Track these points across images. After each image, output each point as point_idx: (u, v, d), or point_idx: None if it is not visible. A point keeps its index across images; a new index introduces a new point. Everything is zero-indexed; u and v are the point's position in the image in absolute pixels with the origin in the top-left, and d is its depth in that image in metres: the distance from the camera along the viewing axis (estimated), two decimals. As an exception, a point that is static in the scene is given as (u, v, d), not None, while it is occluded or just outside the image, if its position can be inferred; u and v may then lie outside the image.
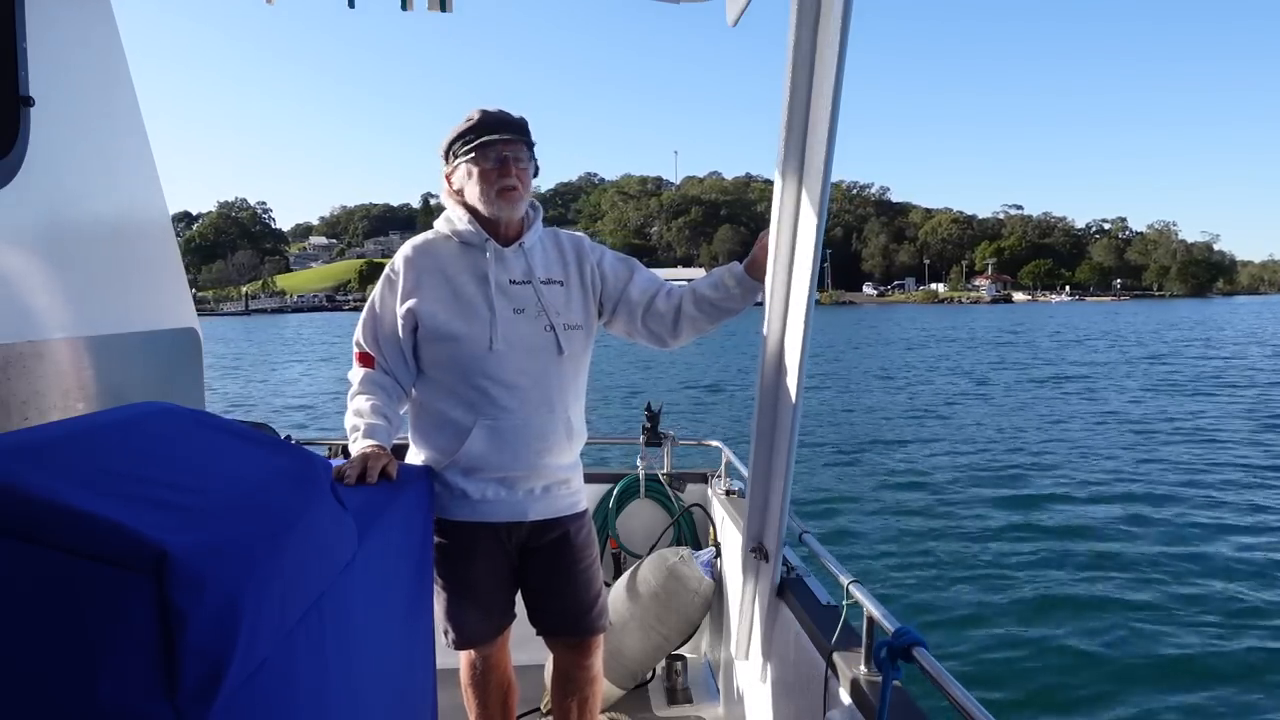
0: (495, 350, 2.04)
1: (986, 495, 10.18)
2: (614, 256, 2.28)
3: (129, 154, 2.46)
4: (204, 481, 1.12)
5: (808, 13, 1.74)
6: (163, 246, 2.62)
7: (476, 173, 2.06)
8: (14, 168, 1.89)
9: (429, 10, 2.43)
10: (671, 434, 3.55)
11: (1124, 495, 10.12)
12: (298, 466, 1.34)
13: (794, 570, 2.33)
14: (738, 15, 2.11)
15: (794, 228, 1.92)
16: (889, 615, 1.63)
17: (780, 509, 2.10)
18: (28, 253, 1.94)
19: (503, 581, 2.21)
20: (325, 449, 3.38)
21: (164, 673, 0.85)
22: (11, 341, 1.83)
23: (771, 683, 2.36)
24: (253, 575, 1.00)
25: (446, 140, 2.11)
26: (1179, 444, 13.54)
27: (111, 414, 1.28)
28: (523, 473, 2.10)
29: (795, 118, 1.83)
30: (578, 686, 2.30)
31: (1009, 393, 21.06)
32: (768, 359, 2.04)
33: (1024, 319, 73.18)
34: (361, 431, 2.00)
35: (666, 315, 2.21)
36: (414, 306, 2.07)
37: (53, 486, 0.89)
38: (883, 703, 1.51)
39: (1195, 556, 7.75)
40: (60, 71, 2.10)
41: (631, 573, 3.15)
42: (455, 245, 2.12)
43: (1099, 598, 6.78)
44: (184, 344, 2.65)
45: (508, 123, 2.07)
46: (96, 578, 0.84)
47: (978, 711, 1.27)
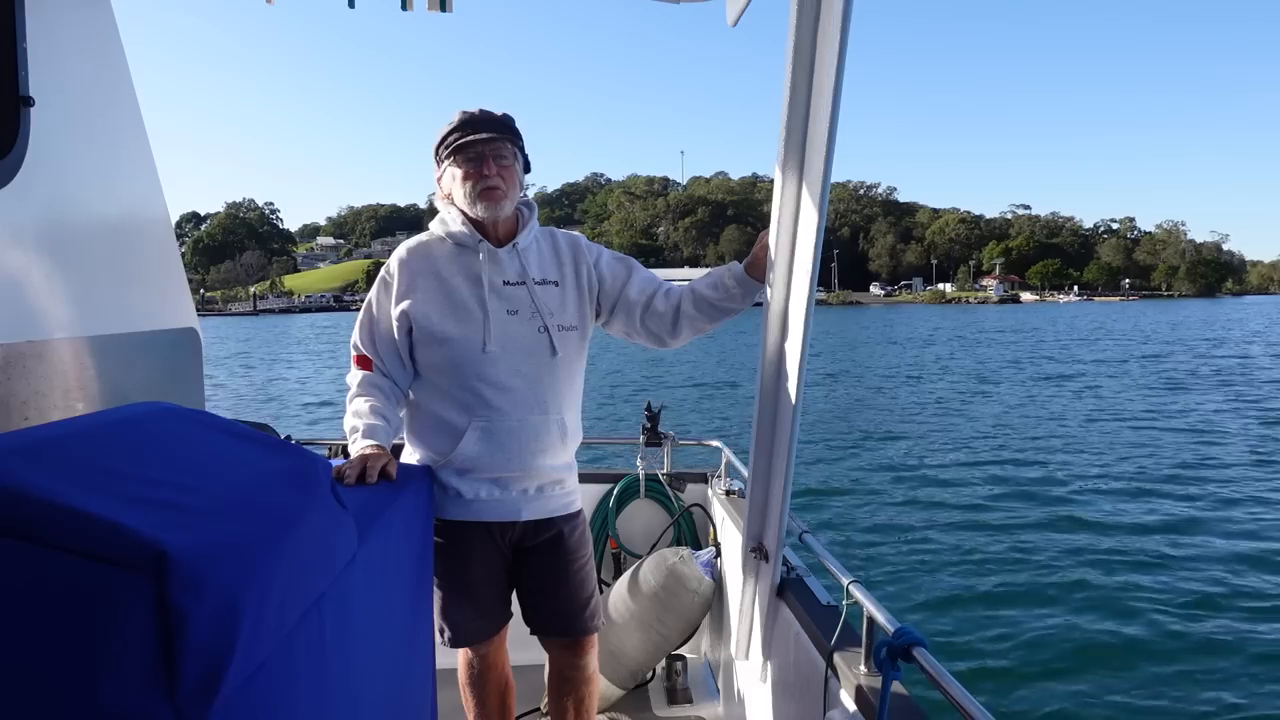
0: (489, 352, 2.04)
1: (988, 495, 10.17)
2: (611, 256, 2.28)
3: (129, 154, 2.46)
4: (204, 481, 1.12)
5: (808, 13, 1.74)
6: (163, 246, 2.62)
7: (460, 174, 2.07)
8: (14, 168, 1.89)
9: (429, 10, 2.43)
10: (672, 434, 3.55)
11: (1128, 494, 10.11)
12: (298, 466, 1.34)
13: (794, 570, 2.33)
14: (738, 15, 2.11)
15: (794, 228, 1.92)
16: (889, 615, 1.63)
17: (780, 509, 2.10)
18: (28, 253, 1.94)
19: (498, 580, 2.22)
20: (325, 449, 3.38)
21: (164, 673, 0.85)
22: (12, 341, 1.83)
23: (771, 683, 2.36)
24: (253, 575, 1.00)
25: (436, 143, 2.12)
26: (1184, 443, 13.52)
27: (111, 414, 1.28)
28: (516, 473, 2.11)
29: (795, 118, 1.83)
30: (574, 686, 2.31)
31: (1011, 391, 21.06)
32: (768, 359, 2.04)
33: (1031, 319, 72.71)
34: (360, 432, 2.00)
35: (665, 315, 2.21)
36: (408, 309, 2.07)
37: (53, 486, 0.89)
38: (883, 703, 1.51)
39: (1201, 556, 7.74)
40: (60, 71, 2.10)
41: (631, 573, 3.15)
42: (449, 247, 2.12)
43: (1101, 597, 6.78)
44: (184, 344, 2.65)
45: (488, 120, 2.06)
46: (96, 578, 0.84)
47: (978, 711, 1.27)
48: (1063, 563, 7.61)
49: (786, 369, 1.99)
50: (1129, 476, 11.10)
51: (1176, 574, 7.27)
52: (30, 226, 1.95)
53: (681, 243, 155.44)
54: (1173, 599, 6.72)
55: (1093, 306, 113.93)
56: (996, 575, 7.33)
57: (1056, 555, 7.82)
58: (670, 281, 2.30)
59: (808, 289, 1.85)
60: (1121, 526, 8.74)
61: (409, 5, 2.42)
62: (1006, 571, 7.42)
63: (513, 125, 2.11)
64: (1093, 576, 7.24)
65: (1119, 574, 7.30)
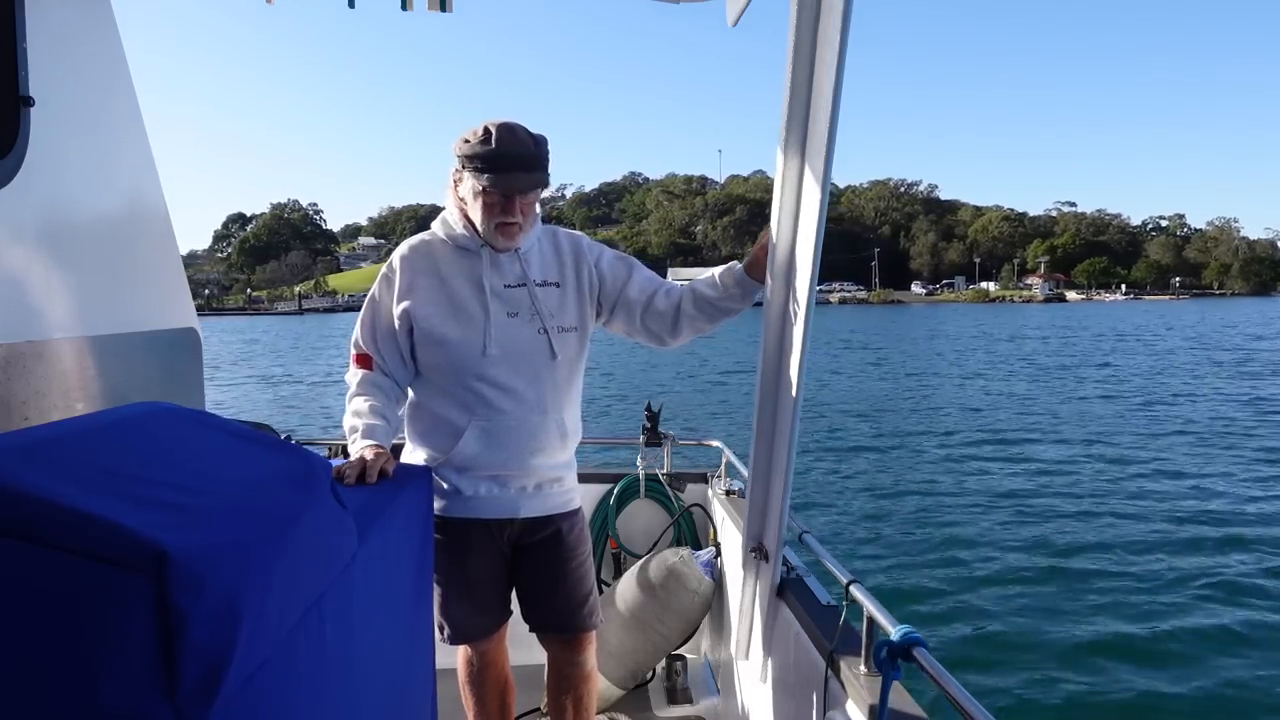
0: (489, 354, 2.05)
1: (988, 495, 10.16)
2: (613, 256, 2.28)
3: (129, 154, 2.46)
4: (204, 481, 1.12)
5: (808, 12, 1.74)
6: (163, 246, 2.62)
7: (482, 201, 2.01)
8: (14, 168, 1.89)
9: (429, 10, 2.43)
10: (672, 434, 3.55)
11: (1128, 494, 10.10)
12: (298, 466, 1.34)
13: (794, 570, 2.33)
14: (738, 15, 2.11)
15: (794, 228, 1.92)
16: (889, 615, 1.63)
17: (780, 509, 2.10)
18: (28, 253, 1.94)
19: (496, 578, 2.23)
20: (325, 449, 3.38)
21: (164, 673, 0.85)
22: (11, 341, 1.83)
23: (772, 683, 2.36)
24: (253, 575, 1.00)
25: (460, 149, 2.00)
26: (1190, 444, 13.50)
27: (111, 414, 1.28)
28: (515, 471, 2.12)
29: (795, 118, 1.83)
30: (572, 684, 2.32)
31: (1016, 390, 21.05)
32: (767, 359, 2.04)
33: (1074, 318, 70.90)
34: (360, 432, 2.01)
35: (666, 315, 2.21)
36: (409, 308, 2.08)
37: (53, 486, 0.89)
38: (883, 703, 1.51)
39: (1207, 555, 7.75)
40: (60, 71, 2.10)
41: (631, 573, 3.15)
42: (451, 248, 2.12)
43: (1101, 597, 6.78)
44: (184, 344, 2.65)
45: (525, 159, 1.97)
46: (96, 578, 0.84)
47: (978, 712, 1.27)
48: (1064, 563, 7.61)
49: (786, 369, 1.99)
50: (1133, 476, 11.09)
51: (1178, 574, 7.27)
52: (30, 226, 1.95)
53: (720, 241, 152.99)
54: (1177, 599, 6.72)
55: (1141, 305, 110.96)
56: (996, 575, 7.33)
57: (1057, 555, 7.82)
58: (673, 281, 2.30)
59: (808, 289, 1.85)
60: (1123, 527, 8.74)
61: (409, 5, 2.41)
62: (1007, 571, 7.42)
63: (546, 155, 2.01)
64: (1093, 577, 7.24)
65: (1120, 575, 7.30)
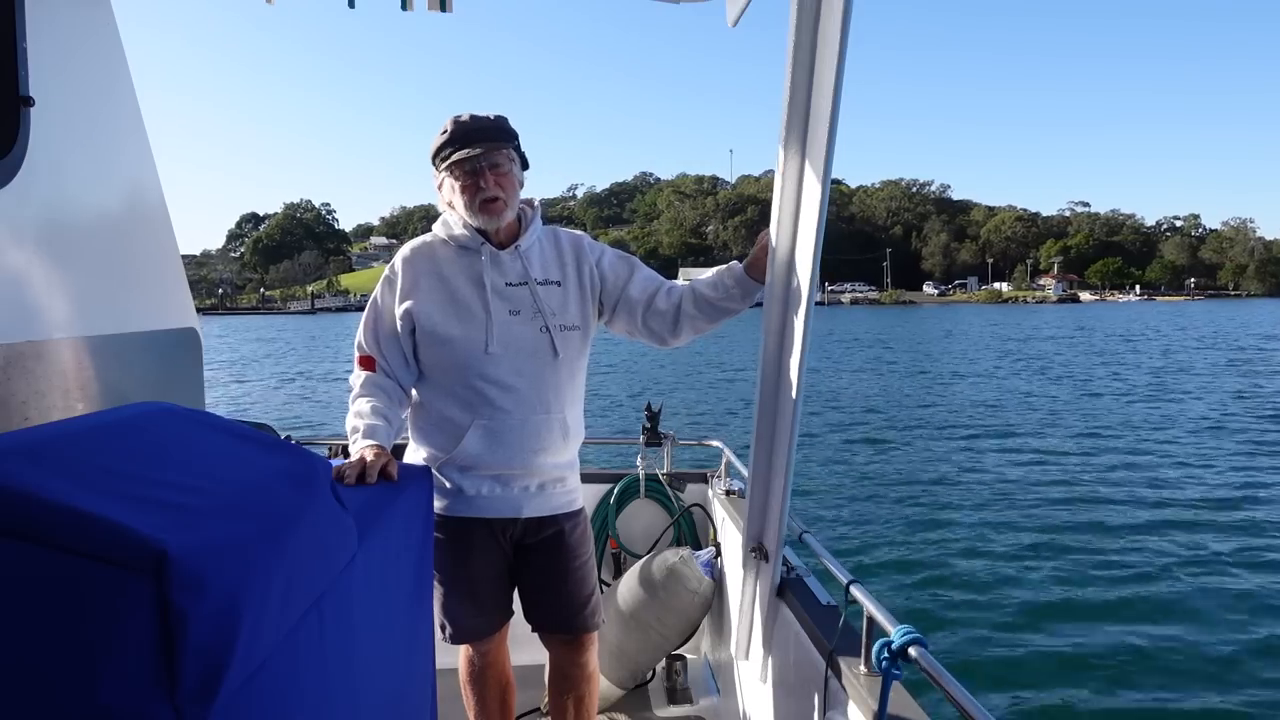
0: (491, 353, 2.06)
1: (988, 495, 10.16)
2: (614, 255, 2.28)
3: (129, 154, 2.46)
4: (204, 481, 1.12)
5: (808, 12, 1.74)
6: (163, 246, 2.62)
7: (458, 187, 2.07)
8: (14, 168, 1.88)
9: (429, 10, 2.43)
10: (672, 434, 3.55)
11: (1128, 494, 10.10)
12: (298, 466, 1.34)
13: (794, 570, 2.33)
14: (738, 15, 2.11)
15: (794, 228, 1.93)
16: (889, 615, 1.63)
17: (780, 509, 2.10)
18: (28, 253, 1.93)
19: (498, 577, 2.23)
20: (325, 449, 3.38)
21: (164, 673, 0.85)
22: (11, 341, 1.83)
23: (772, 683, 2.36)
24: (253, 575, 1.00)
25: (431, 153, 2.11)
26: (1189, 444, 13.51)
27: (111, 414, 1.28)
28: (518, 470, 2.12)
29: (795, 118, 1.83)
30: (573, 684, 2.32)
31: (1021, 388, 21.05)
32: (767, 359, 2.04)
33: (1088, 318, 69.87)
34: (361, 432, 2.01)
35: (667, 314, 2.21)
36: (411, 308, 2.09)
37: (53, 486, 0.89)
38: (883, 703, 1.51)
39: (1199, 556, 7.74)
40: (60, 71, 2.10)
41: (632, 573, 3.15)
42: (452, 248, 2.14)
43: (1100, 597, 6.78)
44: (184, 344, 2.65)
45: (480, 130, 2.04)
46: (96, 578, 0.84)
47: (978, 712, 1.27)
48: (1064, 563, 7.61)
49: (787, 369, 1.99)
50: (1134, 476, 11.09)
51: (1178, 574, 7.27)
52: (30, 227, 1.95)
53: (731, 241, 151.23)
54: (1176, 599, 6.72)
55: (1155, 306, 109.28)
56: (996, 575, 7.33)
57: (1057, 556, 7.82)
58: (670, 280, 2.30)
59: (808, 289, 1.86)
60: (1124, 527, 8.74)
61: (409, 5, 2.41)
62: (1007, 572, 7.42)
63: (507, 128, 2.09)
64: (1094, 577, 7.24)
65: (1121, 576, 7.29)
